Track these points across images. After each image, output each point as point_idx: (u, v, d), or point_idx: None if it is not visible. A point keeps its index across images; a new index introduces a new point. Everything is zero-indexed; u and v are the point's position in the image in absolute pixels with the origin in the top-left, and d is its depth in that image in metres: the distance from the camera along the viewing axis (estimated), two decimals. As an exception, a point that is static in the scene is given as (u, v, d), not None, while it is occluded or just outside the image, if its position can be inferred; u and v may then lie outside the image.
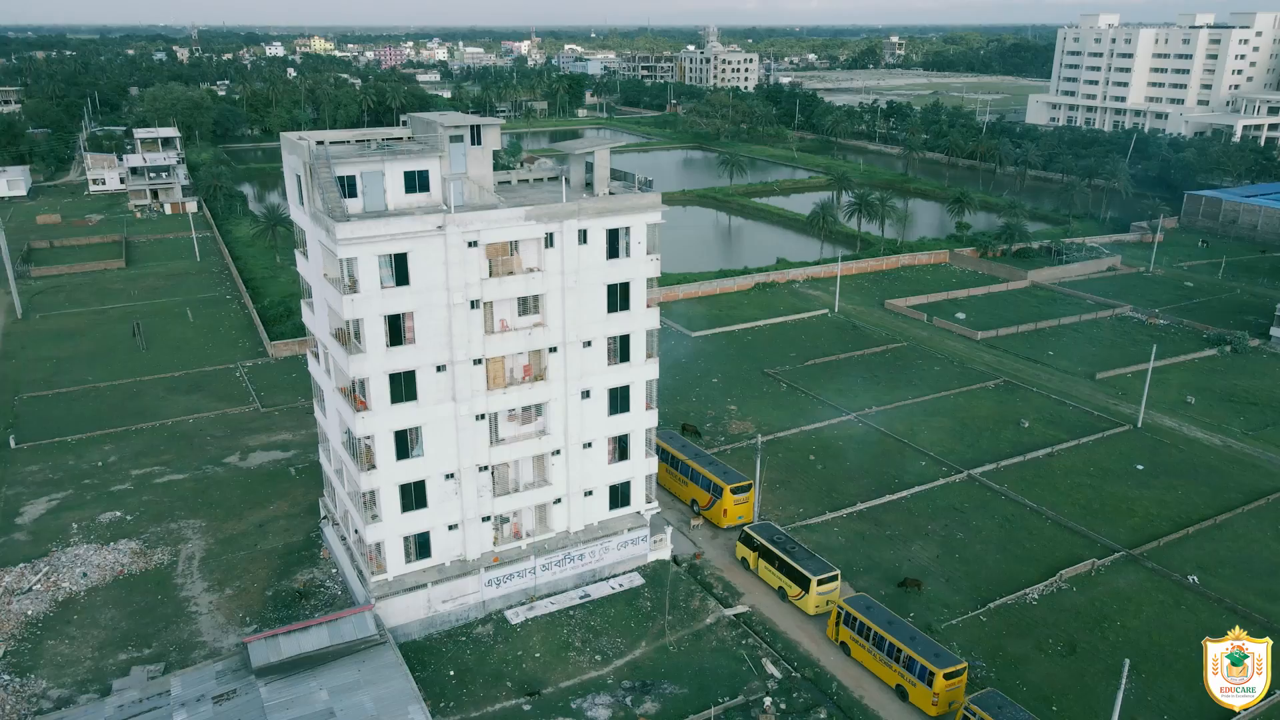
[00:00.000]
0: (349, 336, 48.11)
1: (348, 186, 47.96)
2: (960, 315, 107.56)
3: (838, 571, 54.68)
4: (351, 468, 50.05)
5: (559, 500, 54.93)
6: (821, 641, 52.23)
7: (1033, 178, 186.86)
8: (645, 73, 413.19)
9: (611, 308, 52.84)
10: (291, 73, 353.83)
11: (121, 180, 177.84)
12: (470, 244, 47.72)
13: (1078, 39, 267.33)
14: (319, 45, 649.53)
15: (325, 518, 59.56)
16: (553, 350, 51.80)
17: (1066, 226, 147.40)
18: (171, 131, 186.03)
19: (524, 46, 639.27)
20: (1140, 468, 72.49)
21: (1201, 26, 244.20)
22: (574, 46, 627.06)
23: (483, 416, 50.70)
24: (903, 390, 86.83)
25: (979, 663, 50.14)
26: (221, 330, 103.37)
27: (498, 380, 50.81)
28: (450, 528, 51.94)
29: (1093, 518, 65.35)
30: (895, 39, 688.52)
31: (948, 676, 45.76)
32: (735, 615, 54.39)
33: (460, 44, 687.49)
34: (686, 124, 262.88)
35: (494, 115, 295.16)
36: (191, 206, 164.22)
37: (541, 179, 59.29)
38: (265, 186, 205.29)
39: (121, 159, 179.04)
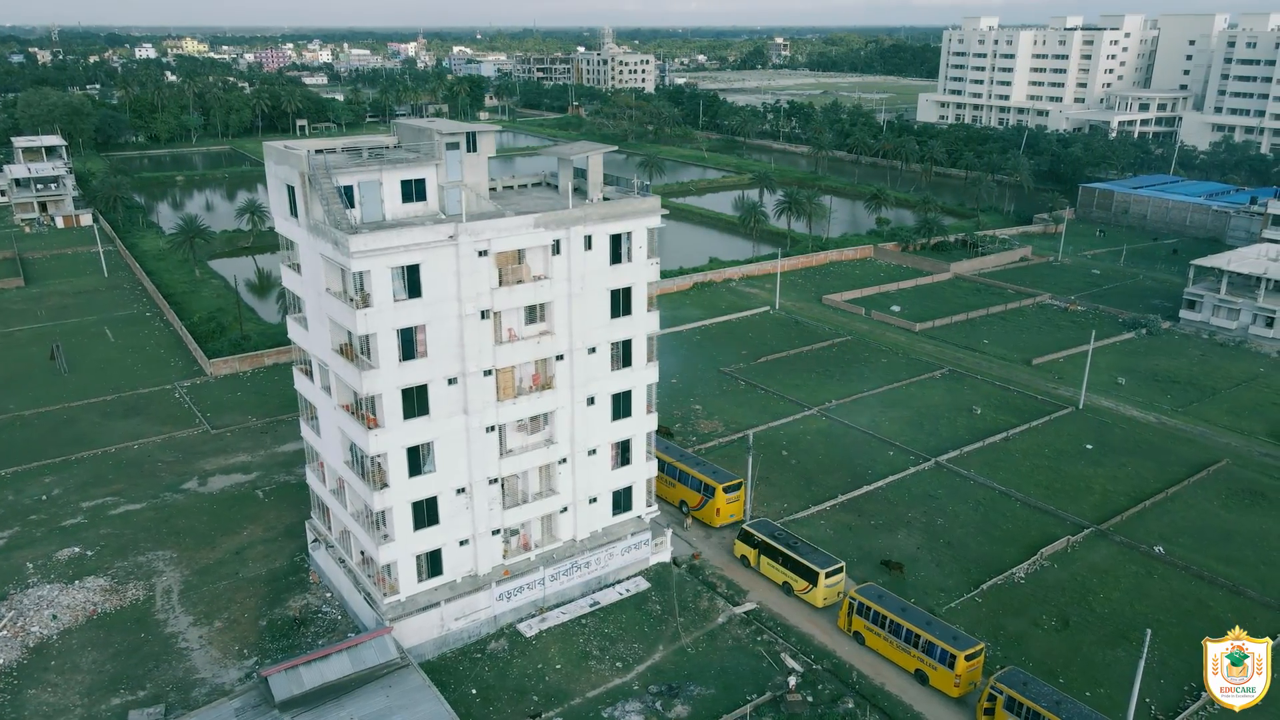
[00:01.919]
0: (356, 352, 46.59)
1: (345, 197, 46.34)
2: (896, 308, 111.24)
3: (843, 564, 55.99)
4: (360, 487, 48.38)
5: (565, 509, 54.45)
6: (834, 633, 53.35)
7: (935, 174, 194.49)
8: (541, 74, 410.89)
9: (615, 313, 52.75)
10: (170, 76, 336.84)
11: (2, 193, 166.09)
12: (481, 253, 46.86)
13: (962, 40, 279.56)
14: (192, 47, 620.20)
15: (316, 541, 57.22)
16: (559, 358, 51.32)
17: (976, 220, 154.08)
18: (56, 139, 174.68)
19: (411, 48, 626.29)
20: (1089, 447, 76.61)
21: (1075, 29, 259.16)
22: (464, 49, 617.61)
23: (493, 428, 49.80)
24: (857, 383, 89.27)
25: (985, 642, 52.10)
26: (148, 349, 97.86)
27: (507, 391, 49.99)
28: (461, 543, 50.85)
29: (1057, 497, 68.74)
30: (780, 40, 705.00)
31: (968, 658, 47.50)
32: (745, 613, 55.01)
33: (345, 45, 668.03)
34: (593, 126, 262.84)
35: (394, 117, 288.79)
36: (86, 219, 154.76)
37: (525, 184, 58.64)
38: (154, 196, 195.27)
39: (1, 170, 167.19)
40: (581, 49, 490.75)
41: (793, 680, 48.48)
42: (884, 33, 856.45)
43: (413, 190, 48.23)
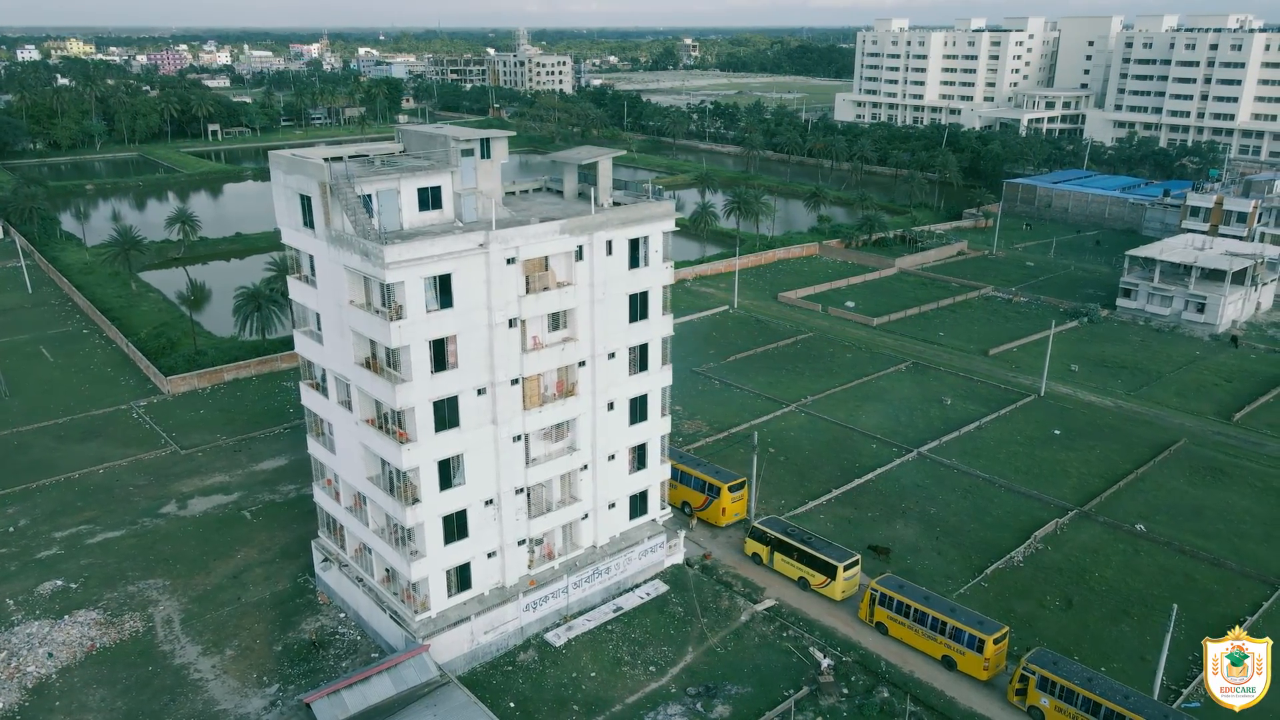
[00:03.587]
0: (383, 365, 45.48)
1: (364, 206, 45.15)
2: (850, 304, 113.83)
3: (858, 557, 57.17)
4: (388, 503, 47.18)
5: (586, 515, 54.17)
6: (855, 624, 54.42)
7: (864, 171, 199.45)
8: (455, 76, 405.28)
9: (633, 317, 52.70)
10: (62, 79, 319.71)
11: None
12: (509, 261, 46.27)
13: (875, 41, 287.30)
14: (78, 48, 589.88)
15: (326, 560, 55.40)
16: (582, 364, 51.03)
17: (910, 216, 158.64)
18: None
19: (315, 49, 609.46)
20: (1057, 432, 79.90)
21: (982, 30, 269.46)
22: (369, 50, 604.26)
23: (519, 437, 49.23)
24: (827, 379, 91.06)
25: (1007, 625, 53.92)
26: (93, 368, 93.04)
27: (533, 399, 49.46)
28: (489, 555, 50.11)
29: (1037, 481, 71.52)
30: (690, 41, 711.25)
31: (995, 642, 49.12)
32: (766, 610, 55.66)
33: (245, 47, 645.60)
34: (519, 128, 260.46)
35: (309, 121, 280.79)
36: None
37: (527, 190, 58.09)
38: (59, 206, 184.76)
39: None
40: (491, 50, 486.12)
41: (826, 663, 49.36)
42: (786, 34, 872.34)
43: (429, 198, 47.26)
